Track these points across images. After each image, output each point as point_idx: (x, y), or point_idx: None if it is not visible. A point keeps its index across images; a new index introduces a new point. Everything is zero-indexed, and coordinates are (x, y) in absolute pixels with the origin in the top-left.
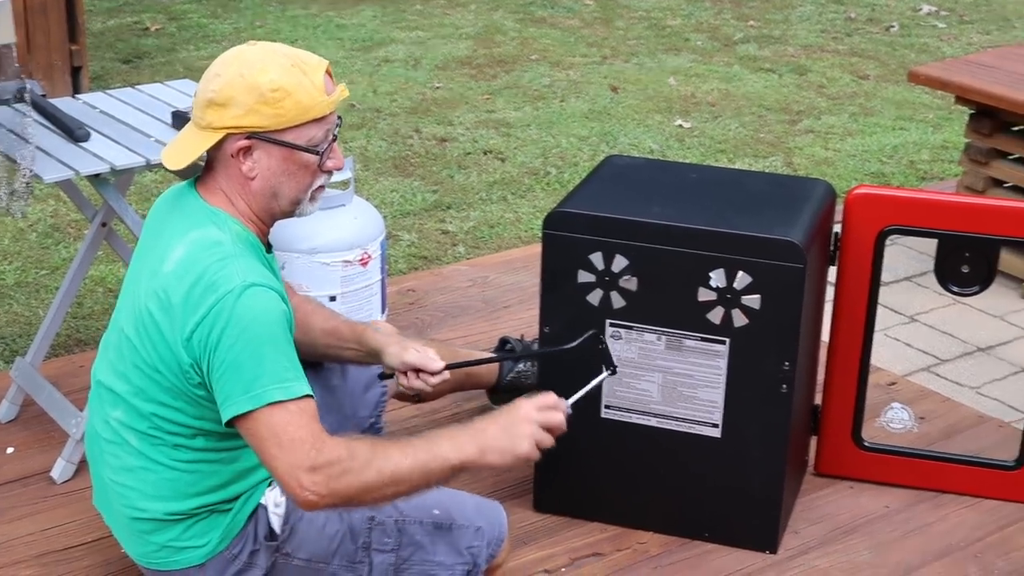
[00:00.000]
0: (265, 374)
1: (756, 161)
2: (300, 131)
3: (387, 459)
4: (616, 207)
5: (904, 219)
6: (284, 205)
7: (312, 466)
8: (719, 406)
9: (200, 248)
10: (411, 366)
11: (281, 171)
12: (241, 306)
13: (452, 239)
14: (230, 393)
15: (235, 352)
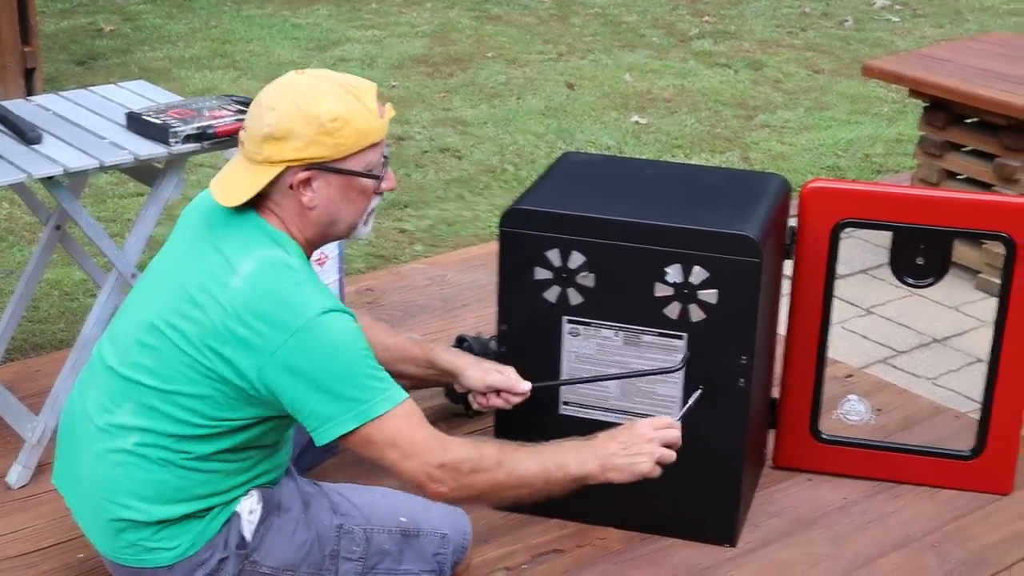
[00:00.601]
0: (364, 390)
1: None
2: (359, 158)
3: (517, 461)
4: (573, 204)
5: (859, 212)
6: (342, 230)
7: (441, 463)
8: (677, 401)
9: (273, 269)
10: (494, 388)
11: (340, 198)
12: (329, 329)
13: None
14: (331, 414)
15: (329, 374)
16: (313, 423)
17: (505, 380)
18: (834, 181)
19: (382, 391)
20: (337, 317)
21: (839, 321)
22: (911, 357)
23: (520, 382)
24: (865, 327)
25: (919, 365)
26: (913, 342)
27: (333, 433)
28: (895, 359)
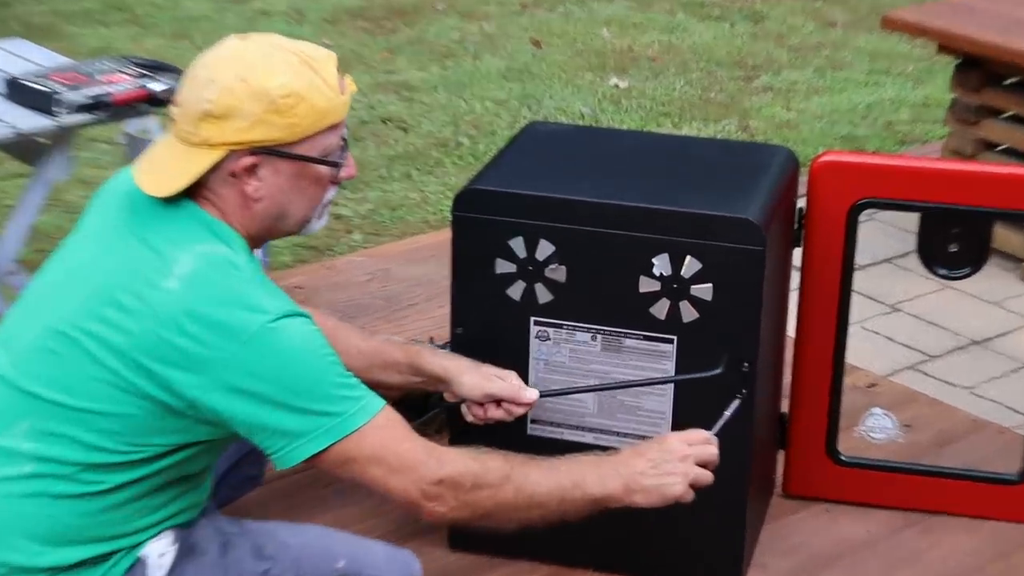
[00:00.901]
0: (335, 401)
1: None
2: (314, 141)
3: (527, 477)
4: (540, 183)
5: (880, 190)
6: (291, 225)
7: (438, 478)
8: (667, 417)
9: (215, 267)
10: (495, 397)
11: (291, 189)
12: (285, 335)
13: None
14: (297, 432)
15: (290, 387)
16: (275, 445)
17: (507, 388)
18: (850, 154)
19: (356, 400)
20: (294, 321)
21: (859, 320)
22: (946, 362)
23: (525, 390)
24: (890, 327)
25: (955, 371)
26: (948, 344)
27: (302, 454)
28: (927, 365)
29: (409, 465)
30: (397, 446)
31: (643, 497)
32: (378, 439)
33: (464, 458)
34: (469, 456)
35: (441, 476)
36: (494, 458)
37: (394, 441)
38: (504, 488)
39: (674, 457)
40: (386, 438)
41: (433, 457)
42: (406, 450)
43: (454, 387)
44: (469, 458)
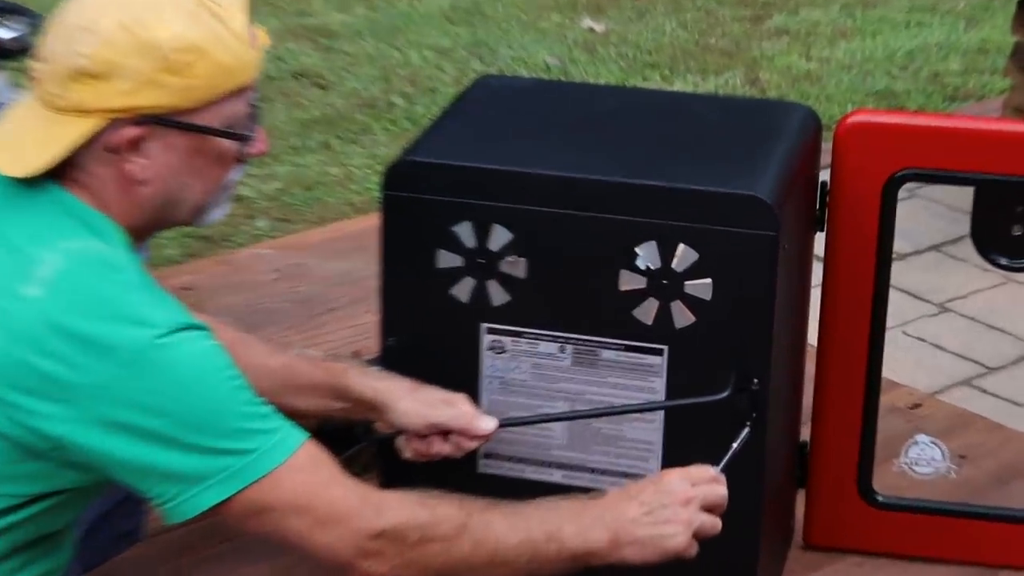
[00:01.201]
0: (242, 437)
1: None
2: (217, 108)
3: (487, 528)
4: (493, 153)
5: (925, 158)
6: (183, 215)
7: (377, 531)
8: (656, 449)
9: (88, 269)
10: (441, 428)
11: (186, 168)
12: (178, 354)
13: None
14: (194, 476)
15: (185, 419)
16: (166, 493)
17: (457, 416)
18: (887, 113)
19: (270, 434)
20: (188, 336)
21: (899, 324)
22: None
23: (479, 418)
24: (939, 332)
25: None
26: (1011, 353)
27: (200, 503)
28: (984, 379)
29: (340, 515)
30: (324, 491)
31: (636, 551)
32: (299, 483)
33: (409, 505)
34: (415, 502)
35: (380, 528)
36: (446, 504)
37: (320, 485)
38: (459, 542)
39: (674, 501)
40: (310, 482)
41: (370, 505)
42: (336, 496)
43: (388, 415)
44: (415, 504)
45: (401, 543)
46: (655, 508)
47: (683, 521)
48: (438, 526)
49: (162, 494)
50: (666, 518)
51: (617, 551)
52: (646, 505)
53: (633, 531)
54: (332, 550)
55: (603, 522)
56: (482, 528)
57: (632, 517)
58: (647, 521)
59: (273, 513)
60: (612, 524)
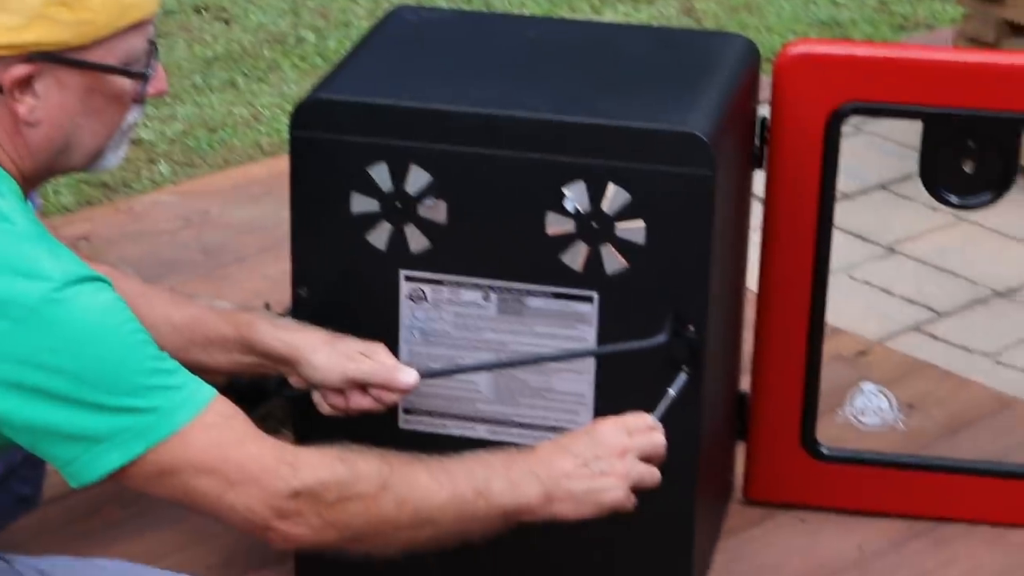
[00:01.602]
0: (145, 393)
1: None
2: (113, 44)
3: (411, 486)
4: (409, 90)
5: (871, 91)
6: (77, 159)
7: (293, 490)
8: (587, 402)
9: None
10: (360, 382)
11: (81, 109)
12: (75, 309)
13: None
14: (94, 438)
15: (84, 377)
16: (67, 455)
17: (376, 368)
18: (830, 43)
19: (175, 391)
20: (87, 289)
21: (844, 267)
22: (960, 321)
23: (400, 370)
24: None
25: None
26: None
27: (104, 465)
28: (934, 325)
29: (253, 474)
30: (235, 450)
31: (570, 507)
32: (209, 441)
33: (327, 461)
34: (333, 458)
35: (296, 487)
36: (367, 460)
37: (231, 444)
38: (381, 500)
39: (610, 452)
40: (220, 440)
41: (285, 462)
42: (248, 455)
43: (302, 369)
44: (334, 461)
45: (319, 502)
46: (589, 460)
47: (619, 474)
48: (358, 483)
49: (63, 456)
50: (601, 470)
51: (550, 506)
52: (580, 457)
53: (567, 485)
54: (246, 512)
55: (535, 476)
56: (405, 485)
57: (565, 471)
58: (581, 474)
59: (181, 474)
60: (544, 478)
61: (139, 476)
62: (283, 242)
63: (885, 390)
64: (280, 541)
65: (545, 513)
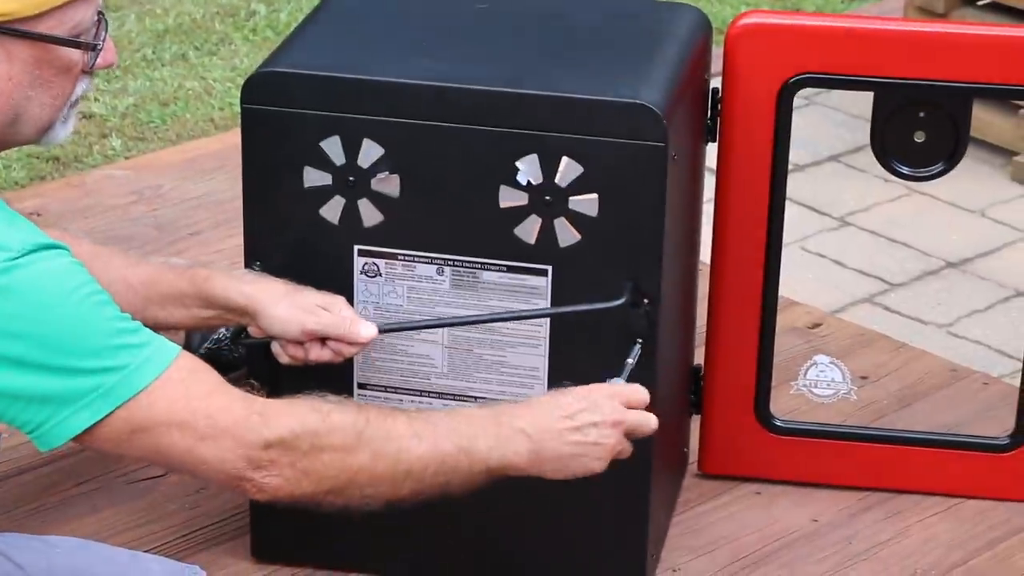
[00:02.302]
0: (110, 354)
1: None
2: (61, 14)
3: (388, 437)
4: (361, 62)
5: (822, 62)
6: (27, 132)
7: (266, 441)
8: (541, 375)
9: None
10: (319, 335)
11: (29, 81)
12: (33, 276)
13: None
14: (62, 400)
15: (46, 342)
16: (36, 418)
17: (336, 321)
18: (781, 14)
19: (139, 348)
20: (44, 257)
21: (797, 239)
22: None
23: (359, 324)
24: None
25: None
26: (914, 269)
27: (73, 426)
28: (887, 296)
29: (225, 426)
30: (205, 403)
31: (556, 468)
32: (177, 396)
33: (299, 411)
34: (306, 408)
35: (268, 437)
36: (343, 411)
37: (200, 397)
38: (357, 452)
39: (605, 421)
40: (188, 394)
41: (256, 413)
42: (218, 407)
43: (262, 321)
44: (306, 411)
45: (293, 452)
46: (584, 425)
47: (610, 446)
48: (332, 433)
49: (31, 420)
50: (594, 439)
51: (537, 467)
52: (574, 420)
53: (555, 446)
54: (219, 464)
55: (524, 435)
56: (382, 436)
57: (557, 430)
58: (574, 439)
59: (151, 431)
60: (535, 436)
61: (108, 436)
62: (236, 217)
63: (838, 362)
64: (255, 492)
65: (530, 471)
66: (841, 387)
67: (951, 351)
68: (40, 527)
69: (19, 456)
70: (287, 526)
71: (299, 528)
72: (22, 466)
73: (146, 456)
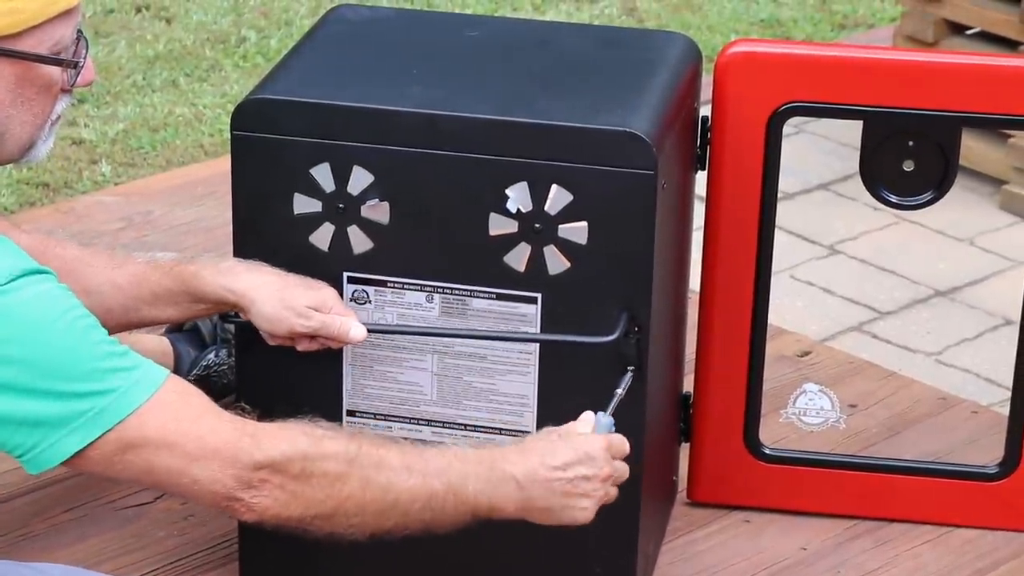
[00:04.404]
0: (100, 376)
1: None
2: (42, 33)
3: (378, 467)
4: (351, 89)
5: (811, 91)
6: (9, 150)
7: (257, 463)
8: (530, 403)
9: None
10: (307, 334)
11: (11, 99)
12: (20, 302)
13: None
14: (53, 423)
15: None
16: (26, 443)
17: (325, 322)
18: (771, 43)
19: (129, 371)
20: (31, 282)
21: (786, 267)
22: (901, 320)
23: (348, 326)
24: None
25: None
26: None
27: (64, 450)
28: (876, 324)
29: (215, 447)
30: (195, 425)
31: (542, 516)
32: (168, 418)
33: (290, 435)
34: (297, 432)
35: (259, 459)
36: (336, 437)
37: (190, 419)
38: (347, 479)
39: (597, 475)
40: (178, 415)
41: (247, 435)
42: (208, 429)
43: (251, 317)
44: (297, 434)
45: (284, 474)
46: (575, 478)
47: (598, 497)
48: (323, 459)
49: (21, 444)
50: (584, 491)
51: (525, 513)
52: (566, 472)
53: (547, 497)
54: (210, 484)
55: (515, 482)
56: (373, 465)
57: (548, 480)
58: (563, 490)
59: (141, 452)
60: (526, 485)
61: (99, 458)
62: (226, 243)
63: (827, 390)
64: (245, 512)
65: (517, 516)
66: (830, 415)
67: (940, 379)
68: (28, 554)
69: (6, 483)
70: (276, 555)
71: (288, 557)
72: (10, 493)
73: (137, 478)
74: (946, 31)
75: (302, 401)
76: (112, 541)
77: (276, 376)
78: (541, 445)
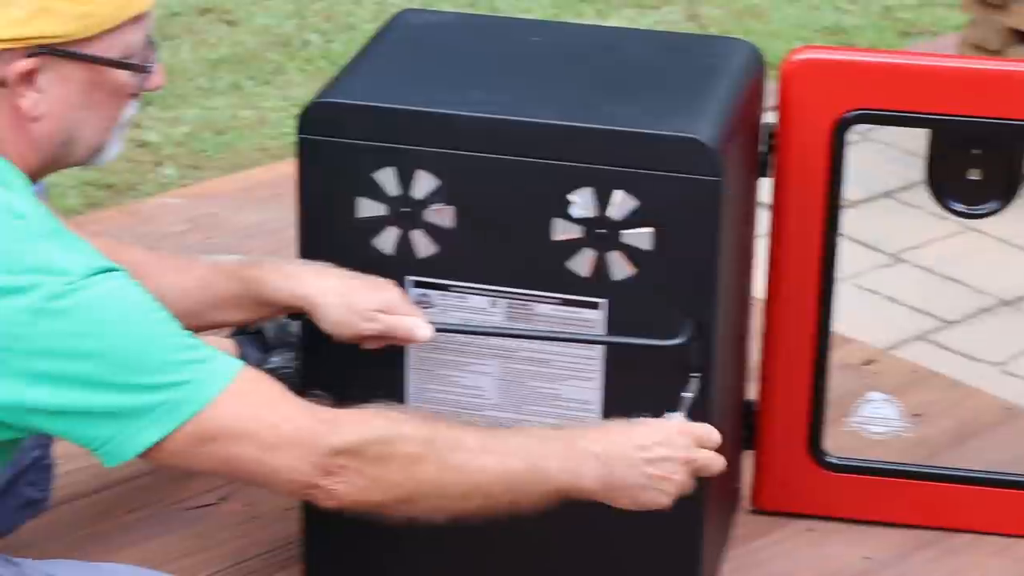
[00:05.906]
0: (176, 369)
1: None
2: (113, 38)
3: (456, 449)
4: (416, 93)
5: (876, 99)
6: (79, 153)
7: (335, 448)
8: (595, 407)
9: None
10: (374, 336)
11: (83, 102)
12: (96, 299)
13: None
14: (130, 416)
15: (113, 361)
16: (103, 435)
17: (393, 324)
18: (836, 50)
19: (203, 363)
20: (105, 280)
21: (851, 276)
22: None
23: (416, 327)
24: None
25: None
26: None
27: (141, 441)
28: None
29: (292, 435)
30: (271, 413)
31: (623, 496)
32: (243, 407)
33: (366, 419)
34: (373, 416)
35: (337, 444)
36: (412, 420)
37: (266, 407)
38: (425, 462)
39: (678, 457)
40: (254, 404)
41: (323, 422)
42: (284, 416)
43: (317, 321)
44: (373, 418)
45: (362, 459)
46: (657, 459)
47: (678, 481)
48: (401, 442)
49: (98, 437)
50: (665, 472)
51: (606, 492)
52: (647, 451)
53: (628, 475)
54: (289, 472)
55: (597, 459)
56: (449, 449)
57: (632, 459)
58: (646, 471)
59: (218, 443)
60: (608, 462)
61: (176, 450)
62: (290, 246)
63: (892, 399)
64: (325, 499)
65: (599, 496)
66: (895, 424)
67: (1005, 389)
68: (95, 554)
69: (72, 482)
70: (339, 555)
71: (352, 556)
72: (76, 492)
73: (215, 468)
74: (1012, 39)
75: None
76: (176, 542)
77: (339, 377)
78: (622, 426)
